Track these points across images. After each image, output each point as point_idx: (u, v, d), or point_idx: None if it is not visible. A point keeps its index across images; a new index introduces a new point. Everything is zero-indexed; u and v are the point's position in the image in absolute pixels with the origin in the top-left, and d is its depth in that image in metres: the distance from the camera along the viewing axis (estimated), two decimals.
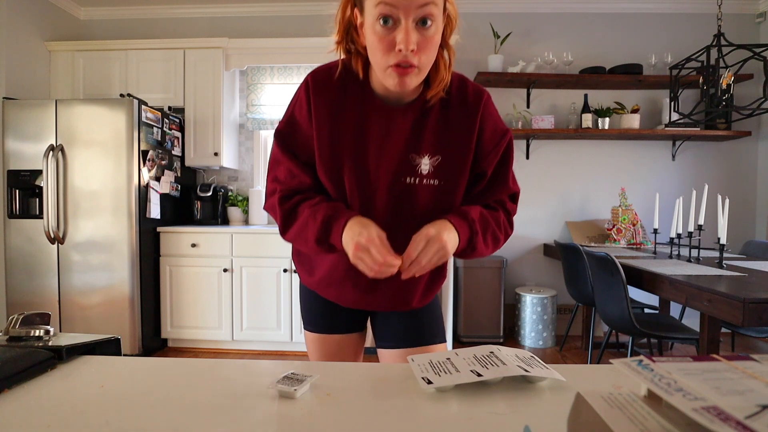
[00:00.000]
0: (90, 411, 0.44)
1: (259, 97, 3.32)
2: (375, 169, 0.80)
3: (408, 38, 0.66)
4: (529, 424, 0.41)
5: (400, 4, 0.66)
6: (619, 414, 0.31)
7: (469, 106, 0.80)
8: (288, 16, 3.31)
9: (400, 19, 0.67)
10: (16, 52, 2.85)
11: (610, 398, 0.33)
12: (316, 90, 0.79)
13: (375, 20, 0.68)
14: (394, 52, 0.68)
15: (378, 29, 0.68)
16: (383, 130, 0.79)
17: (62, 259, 2.65)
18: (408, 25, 0.66)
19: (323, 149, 0.80)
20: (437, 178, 0.80)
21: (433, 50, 0.71)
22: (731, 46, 2.22)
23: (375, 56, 0.71)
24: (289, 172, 0.82)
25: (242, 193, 3.40)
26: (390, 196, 0.81)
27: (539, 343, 2.96)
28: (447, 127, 0.80)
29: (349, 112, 0.80)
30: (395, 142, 0.79)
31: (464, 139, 0.80)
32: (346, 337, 0.98)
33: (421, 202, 0.82)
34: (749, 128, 3.12)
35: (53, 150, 2.61)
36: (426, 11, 0.66)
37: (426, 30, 0.68)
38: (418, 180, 0.80)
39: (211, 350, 2.89)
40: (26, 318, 0.59)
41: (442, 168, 0.80)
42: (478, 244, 0.79)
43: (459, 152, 0.81)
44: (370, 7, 0.68)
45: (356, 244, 0.69)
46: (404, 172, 0.80)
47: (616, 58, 3.19)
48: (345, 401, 0.47)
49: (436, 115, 0.80)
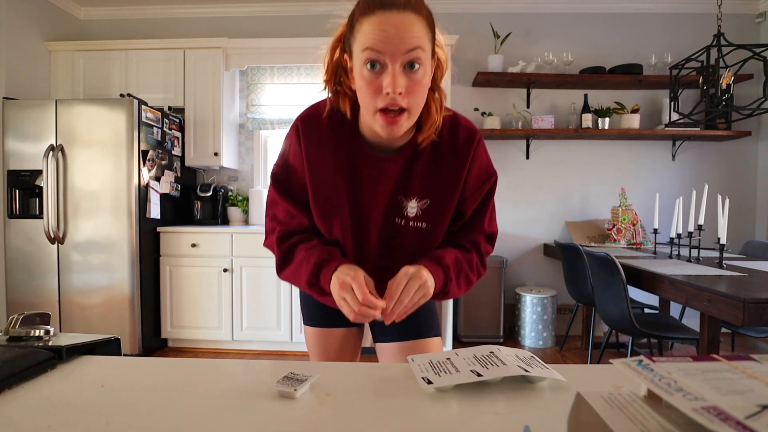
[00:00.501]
0: (90, 411, 0.44)
1: (259, 97, 3.32)
2: (367, 211, 0.82)
3: (395, 82, 0.66)
4: (529, 424, 0.41)
5: (386, 50, 0.66)
6: (619, 414, 0.31)
7: (459, 150, 0.81)
8: (288, 16, 3.31)
9: (387, 63, 0.67)
10: (16, 52, 2.85)
11: (610, 398, 0.33)
12: (307, 135, 0.81)
13: (362, 65, 0.68)
14: (381, 95, 0.68)
15: (365, 73, 0.68)
16: (374, 175, 0.81)
17: (62, 259, 2.65)
18: (395, 69, 0.67)
19: (317, 193, 0.82)
20: (425, 221, 0.82)
21: (422, 93, 0.72)
22: (731, 46, 2.22)
23: (363, 100, 0.71)
24: (288, 213, 0.84)
25: (242, 193, 3.40)
26: (380, 236, 0.84)
27: (539, 343, 2.96)
28: (437, 172, 0.81)
29: (340, 156, 0.81)
30: (385, 186, 0.81)
31: (453, 184, 0.81)
32: (345, 331, 1.00)
33: (408, 243, 0.84)
34: (749, 128, 3.12)
35: (53, 150, 2.61)
36: (413, 56, 0.67)
37: (414, 73, 0.68)
38: (404, 222, 0.82)
39: (211, 350, 2.89)
40: (26, 318, 0.59)
41: (430, 211, 0.82)
42: (451, 289, 0.80)
43: (447, 196, 0.81)
44: (358, 52, 0.69)
45: (341, 283, 0.71)
46: (392, 213, 0.82)
47: (616, 58, 3.19)
48: (345, 401, 0.47)
49: (427, 158, 0.80)
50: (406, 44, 0.66)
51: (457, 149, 0.80)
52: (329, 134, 0.81)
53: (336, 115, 0.80)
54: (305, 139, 0.81)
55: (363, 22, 0.67)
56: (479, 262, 0.87)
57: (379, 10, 0.66)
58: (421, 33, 0.67)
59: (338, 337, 0.99)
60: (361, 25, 0.68)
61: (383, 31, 0.65)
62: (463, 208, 0.84)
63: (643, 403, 0.32)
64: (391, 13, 0.65)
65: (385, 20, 0.65)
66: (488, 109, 3.21)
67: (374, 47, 0.66)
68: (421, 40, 0.67)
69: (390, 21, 0.65)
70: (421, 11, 0.68)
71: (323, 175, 0.81)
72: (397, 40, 0.65)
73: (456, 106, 3.14)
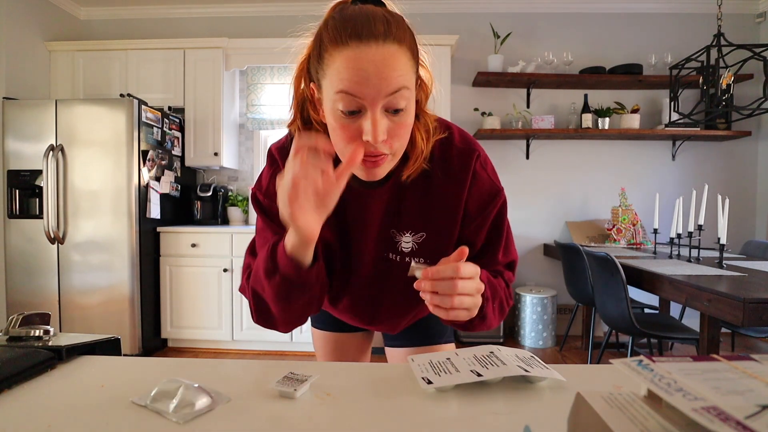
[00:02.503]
0: (90, 411, 0.44)
1: (259, 97, 3.32)
2: (357, 245, 0.74)
3: (376, 130, 0.55)
4: (529, 424, 0.41)
5: (365, 95, 0.54)
6: (619, 414, 0.31)
7: (454, 176, 0.69)
8: (288, 16, 3.31)
9: (365, 107, 0.56)
10: (16, 52, 2.85)
11: (610, 398, 0.33)
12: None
13: (336, 109, 0.57)
14: (361, 141, 0.57)
15: (339, 117, 0.57)
16: (359, 210, 0.72)
17: (62, 259, 2.65)
18: (375, 114, 0.55)
19: None
20: (422, 256, 0.72)
21: (407, 134, 0.61)
22: (731, 46, 2.22)
23: (338, 145, 0.60)
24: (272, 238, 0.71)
25: (242, 193, 3.40)
26: (375, 270, 0.76)
27: (539, 343, 2.96)
28: (430, 203, 0.70)
29: None
30: (372, 221, 0.72)
31: (451, 214, 0.71)
32: (354, 335, 0.98)
33: (405, 279, 0.71)
34: (749, 128, 3.12)
35: (53, 150, 2.61)
36: (396, 100, 0.56)
37: (397, 117, 0.58)
38: (399, 258, 0.73)
39: (211, 350, 2.89)
40: (26, 318, 0.59)
41: (427, 245, 0.72)
42: (488, 314, 0.66)
43: (446, 228, 0.71)
44: (329, 91, 0.57)
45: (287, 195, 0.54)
46: (386, 249, 0.73)
47: (616, 58, 3.19)
48: (345, 401, 0.47)
49: (419, 189, 0.70)
50: (388, 86, 0.54)
51: (452, 175, 0.69)
52: None
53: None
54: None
55: (335, 55, 0.55)
56: (506, 289, 0.73)
57: (354, 42, 0.54)
58: (406, 69, 0.56)
59: (346, 340, 0.97)
60: (332, 58, 0.56)
61: (360, 70, 0.53)
62: (471, 238, 0.72)
63: (643, 403, 0.32)
64: (369, 48, 0.53)
65: (362, 56, 0.53)
66: (488, 109, 3.21)
67: (350, 90, 0.54)
68: (406, 77, 0.56)
69: (368, 57, 0.53)
70: (404, 40, 0.56)
71: None
72: (377, 82, 0.54)
73: (456, 106, 3.14)
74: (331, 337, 0.97)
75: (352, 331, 0.97)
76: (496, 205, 0.72)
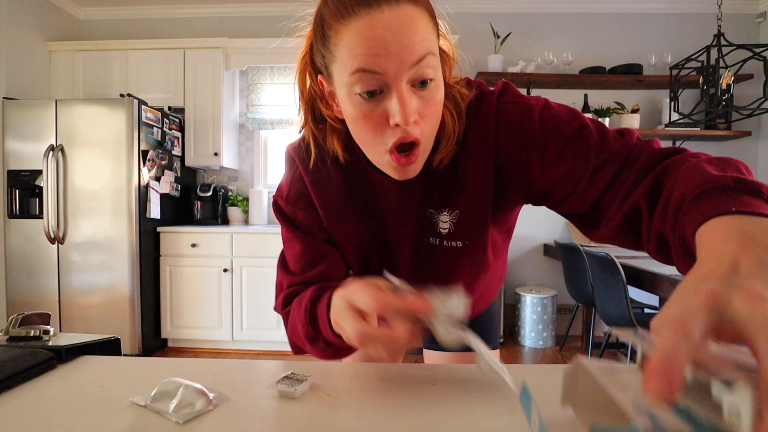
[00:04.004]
0: (90, 411, 0.44)
1: (259, 97, 3.32)
2: (394, 235, 0.66)
3: (406, 108, 0.47)
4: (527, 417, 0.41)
5: (386, 68, 0.46)
6: (615, 379, 0.31)
7: (473, 154, 0.59)
8: (288, 16, 3.28)
9: (388, 85, 0.47)
10: (16, 52, 2.86)
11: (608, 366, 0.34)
12: (306, 169, 0.63)
13: (353, 94, 0.49)
14: (389, 128, 0.49)
15: (359, 103, 0.49)
16: (392, 196, 0.63)
17: (62, 259, 2.65)
18: (402, 90, 0.47)
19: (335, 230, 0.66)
20: (459, 239, 0.63)
21: (438, 114, 0.53)
22: (731, 46, 2.22)
23: (362, 137, 0.53)
24: (300, 251, 0.65)
25: (242, 193, 3.40)
26: (415, 258, 0.67)
27: (539, 343, 2.96)
28: (457, 179, 0.61)
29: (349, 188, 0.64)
30: (410, 204, 0.63)
31: (478, 194, 0.60)
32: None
33: (446, 267, 0.66)
34: (749, 128, 3.12)
35: (53, 150, 2.61)
36: (422, 70, 0.47)
37: (426, 90, 0.49)
38: (439, 241, 0.64)
39: (211, 350, 2.89)
40: (26, 318, 0.59)
41: (461, 226, 0.62)
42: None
43: (476, 208, 0.61)
44: (342, 75, 0.49)
45: (342, 306, 0.47)
46: (426, 232, 0.64)
47: (616, 58, 3.19)
48: (345, 401, 0.47)
49: (446, 172, 0.62)
50: (412, 54, 0.46)
51: (470, 152, 0.59)
52: (325, 167, 0.63)
53: (327, 155, 0.62)
54: (308, 177, 0.64)
55: (342, 31, 0.47)
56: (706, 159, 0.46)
57: (363, 9, 0.45)
58: (427, 32, 0.47)
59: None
60: (339, 35, 0.47)
61: (376, 40, 0.45)
62: (560, 185, 0.55)
63: (639, 371, 0.32)
64: (381, 12, 0.45)
65: (375, 24, 0.45)
66: None
67: (367, 67, 0.46)
68: (429, 41, 0.47)
69: (382, 24, 0.45)
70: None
71: (337, 210, 0.64)
72: (398, 51, 0.45)
73: None
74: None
75: None
76: (532, 119, 0.55)
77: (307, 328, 0.56)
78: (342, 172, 0.63)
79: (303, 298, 0.58)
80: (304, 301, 0.57)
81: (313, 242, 0.65)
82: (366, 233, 0.66)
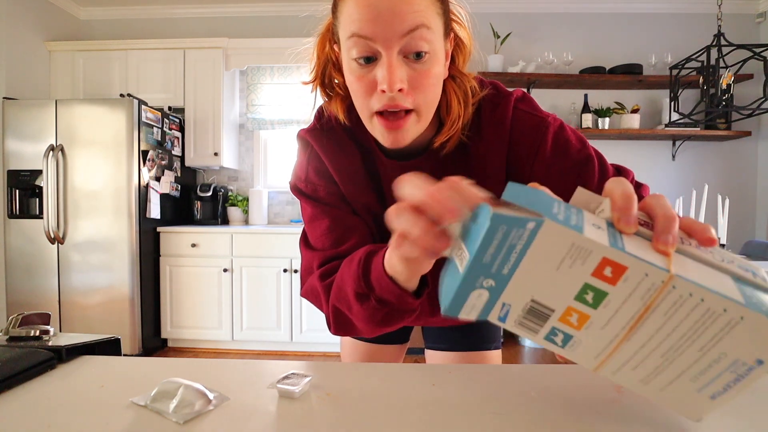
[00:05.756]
0: (90, 411, 0.44)
1: (258, 97, 3.32)
2: None
3: (392, 74, 0.49)
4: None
5: (376, 34, 0.48)
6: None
7: (491, 133, 0.60)
8: (288, 16, 3.31)
9: (380, 52, 0.50)
10: (16, 52, 2.86)
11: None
12: (322, 147, 0.64)
13: (350, 58, 0.52)
14: (376, 93, 0.52)
15: (354, 68, 0.52)
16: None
17: (62, 259, 2.65)
18: (392, 58, 0.49)
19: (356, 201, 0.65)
20: None
21: (433, 88, 0.54)
22: (731, 46, 2.22)
23: (356, 101, 0.56)
24: (328, 226, 0.62)
25: (242, 193, 3.40)
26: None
27: None
28: (468, 172, 0.61)
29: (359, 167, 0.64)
30: None
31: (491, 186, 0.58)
32: (388, 347, 0.90)
33: None
34: (749, 128, 3.12)
35: (53, 150, 2.61)
36: (415, 39, 0.49)
37: (420, 63, 0.51)
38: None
39: (211, 350, 2.89)
40: (26, 318, 0.59)
41: None
42: None
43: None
44: (343, 40, 0.53)
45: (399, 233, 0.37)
46: None
47: (616, 58, 3.19)
48: (345, 401, 0.47)
49: (458, 159, 0.62)
50: (402, 23, 0.48)
51: (488, 134, 0.60)
52: (340, 144, 0.64)
53: (337, 124, 0.64)
54: (324, 154, 0.64)
55: (347, 0, 0.51)
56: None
57: None
58: (425, 5, 0.49)
59: (380, 353, 0.90)
60: (344, 3, 0.51)
61: (370, 7, 0.48)
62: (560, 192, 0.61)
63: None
64: None
65: None
66: None
67: (360, 32, 0.49)
68: (425, 14, 0.49)
69: None
70: None
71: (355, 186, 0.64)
72: (389, 18, 0.48)
73: None
74: (363, 347, 0.89)
75: (388, 342, 0.90)
76: (546, 134, 0.58)
77: (358, 283, 0.51)
78: (357, 147, 0.64)
79: (355, 256, 0.55)
80: (358, 255, 0.53)
81: (340, 214, 0.63)
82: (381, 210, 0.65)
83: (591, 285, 0.29)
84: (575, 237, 0.28)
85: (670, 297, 0.28)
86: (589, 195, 0.34)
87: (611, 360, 0.33)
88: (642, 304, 0.29)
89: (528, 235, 0.28)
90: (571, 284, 0.30)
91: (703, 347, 0.30)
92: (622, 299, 0.29)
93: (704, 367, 0.31)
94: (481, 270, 0.30)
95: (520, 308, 0.32)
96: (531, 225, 0.28)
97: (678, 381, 0.32)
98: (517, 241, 0.28)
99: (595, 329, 0.31)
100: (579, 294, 0.30)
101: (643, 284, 0.28)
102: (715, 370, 0.31)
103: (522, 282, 0.30)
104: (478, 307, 0.33)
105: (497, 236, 0.28)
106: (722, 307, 0.28)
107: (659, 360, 0.31)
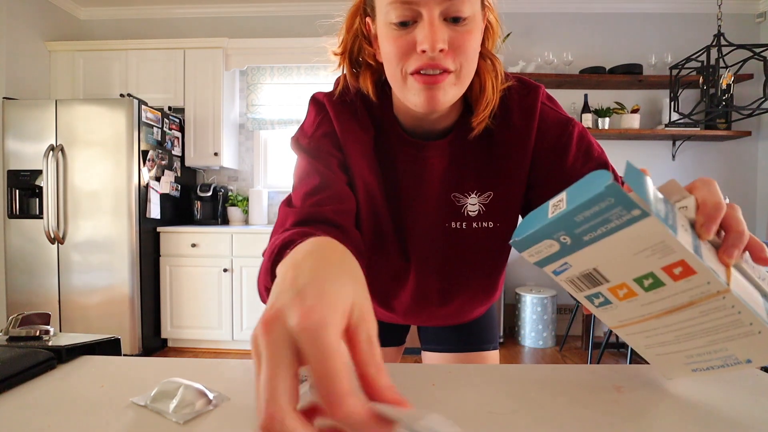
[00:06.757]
0: (90, 411, 0.44)
1: (259, 97, 3.32)
2: (412, 215, 0.65)
3: (434, 33, 0.48)
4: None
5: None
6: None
7: (518, 122, 0.60)
8: (288, 16, 3.31)
9: (421, 14, 0.49)
10: (16, 52, 2.85)
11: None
12: (337, 113, 0.62)
13: (388, 23, 0.51)
14: (415, 54, 0.50)
15: (392, 32, 0.51)
16: (414, 169, 0.63)
17: (62, 259, 2.65)
18: (433, 17, 0.49)
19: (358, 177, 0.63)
20: (491, 219, 0.63)
21: (473, 53, 0.53)
22: (731, 46, 2.22)
23: (390, 64, 0.54)
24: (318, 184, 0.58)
25: (242, 193, 3.40)
26: (433, 250, 0.66)
27: (539, 343, 2.96)
28: (491, 158, 0.62)
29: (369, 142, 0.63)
30: (431, 181, 0.63)
31: (516, 172, 0.62)
32: (383, 350, 0.87)
33: (472, 253, 0.65)
34: (749, 128, 3.12)
35: (53, 150, 2.61)
36: (458, 5, 0.49)
37: (460, 26, 0.50)
38: (466, 225, 0.63)
39: (211, 350, 2.89)
40: (26, 318, 0.59)
41: (494, 207, 0.63)
42: None
43: (512, 187, 0.62)
44: (381, 6, 0.52)
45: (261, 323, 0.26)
46: (448, 217, 0.64)
47: (616, 58, 3.19)
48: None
49: (482, 143, 0.61)
50: None
51: (515, 122, 0.60)
52: (356, 116, 0.62)
53: (357, 98, 0.62)
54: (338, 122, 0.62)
55: None
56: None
57: None
58: None
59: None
60: None
61: None
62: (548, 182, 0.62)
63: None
64: None
65: None
66: None
67: None
68: None
69: None
70: None
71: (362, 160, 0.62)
72: None
73: None
74: None
75: (383, 345, 0.89)
76: (573, 133, 0.60)
77: (263, 275, 0.48)
78: (374, 124, 0.63)
79: (276, 240, 0.49)
80: (278, 241, 0.47)
81: (334, 178, 0.59)
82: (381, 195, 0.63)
83: (655, 275, 0.32)
84: (668, 237, 0.29)
85: (715, 302, 0.31)
86: (675, 186, 0.36)
87: (632, 326, 0.36)
88: (688, 300, 0.32)
89: (627, 219, 0.29)
90: (639, 268, 0.32)
91: (714, 341, 0.34)
92: (674, 292, 0.32)
93: (703, 352, 0.35)
94: (567, 226, 0.31)
95: (579, 271, 0.34)
96: (636, 212, 0.29)
97: (676, 354, 0.37)
98: (615, 219, 0.29)
99: (635, 305, 0.34)
100: (640, 277, 0.32)
101: (700, 288, 0.31)
102: (710, 356, 0.35)
103: (595, 253, 0.32)
104: (542, 255, 0.34)
105: (601, 204, 0.29)
106: (750, 321, 0.31)
107: (671, 337, 0.35)
